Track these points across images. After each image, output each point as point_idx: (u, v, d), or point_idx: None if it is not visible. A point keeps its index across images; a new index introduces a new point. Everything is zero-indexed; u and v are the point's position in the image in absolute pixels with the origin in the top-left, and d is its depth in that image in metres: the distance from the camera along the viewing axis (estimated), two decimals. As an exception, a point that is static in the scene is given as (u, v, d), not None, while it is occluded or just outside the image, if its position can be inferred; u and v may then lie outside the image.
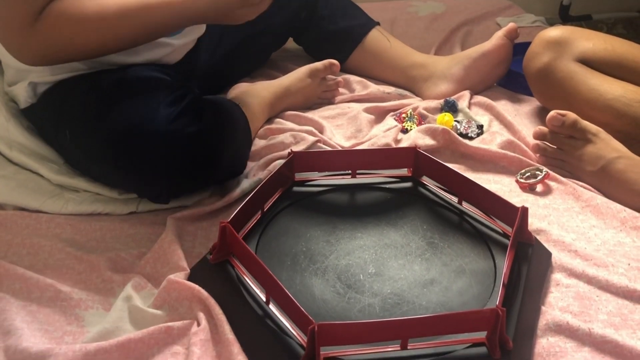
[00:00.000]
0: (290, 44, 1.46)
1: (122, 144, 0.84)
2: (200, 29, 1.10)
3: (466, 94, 1.25)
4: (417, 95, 1.30)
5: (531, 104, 1.27)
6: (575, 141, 1.03)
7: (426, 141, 1.09)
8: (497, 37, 1.27)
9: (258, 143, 1.10)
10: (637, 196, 0.96)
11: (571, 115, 1.03)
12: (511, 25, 1.27)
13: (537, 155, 1.08)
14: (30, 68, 0.94)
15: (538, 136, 1.07)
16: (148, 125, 0.83)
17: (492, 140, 1.12)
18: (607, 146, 1.01)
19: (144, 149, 0.84)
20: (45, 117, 0.98)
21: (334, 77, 1.26)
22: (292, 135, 1.10)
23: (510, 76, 1.31)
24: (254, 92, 1.17)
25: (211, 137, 0.87)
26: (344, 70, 1.34)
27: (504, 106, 1.24)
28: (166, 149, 0.84)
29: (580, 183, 1.03)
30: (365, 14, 1.37)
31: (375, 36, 1.33)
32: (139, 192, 0.94)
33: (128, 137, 0.84)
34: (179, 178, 0.88)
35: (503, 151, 1.08)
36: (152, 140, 0.83)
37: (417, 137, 1.10)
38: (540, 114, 1.22)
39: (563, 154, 1.05)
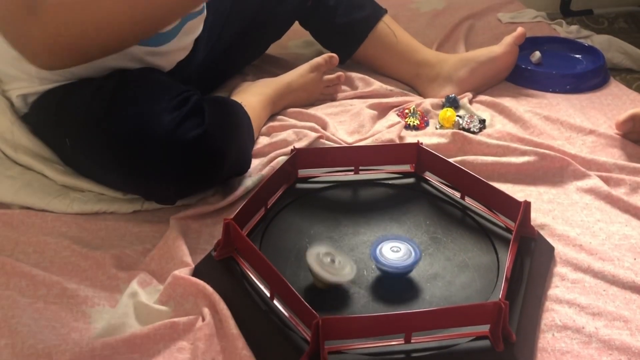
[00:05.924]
0: (292, 41, 1.46)
1: (126, 151, 0.84)
2: (195, 31, 1.07)
3: (468, 93, 1.25)
4: (421, 95, 1.29)
5: (534, 99, 1.27)
6: None
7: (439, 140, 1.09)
8: (506, 44, 1.27)
9: (261, 141, 1.11)
10: None
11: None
12: (520, 30, 1.26)
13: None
14: (14, 74, 0.93)
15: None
16: (151, 133, 0.83)
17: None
18: None
19: (148, 156, 0.84)
20: (41, 125, 0.97)
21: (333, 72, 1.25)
22: (295, 132, 1.10)
23: (516, 70, 1.31)
24: (256, 90, 1.17)
25: (215, 139, 0.86)
26: (351, 62, 1.33)
27: (507, 102, 1.23)
28: (171, 155, 0.84)
29: (582, 180, 1.01)
30: (372, 2, 1.33)
31: (382, 29, 1.31)
32: (145, 195, 0.94)
33: (132, 145, 0.84)
34: (184, 181, 0.88)
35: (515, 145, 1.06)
36: (156, 147, 0.83)
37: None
38: (543, 109, 1.22)
39: None
